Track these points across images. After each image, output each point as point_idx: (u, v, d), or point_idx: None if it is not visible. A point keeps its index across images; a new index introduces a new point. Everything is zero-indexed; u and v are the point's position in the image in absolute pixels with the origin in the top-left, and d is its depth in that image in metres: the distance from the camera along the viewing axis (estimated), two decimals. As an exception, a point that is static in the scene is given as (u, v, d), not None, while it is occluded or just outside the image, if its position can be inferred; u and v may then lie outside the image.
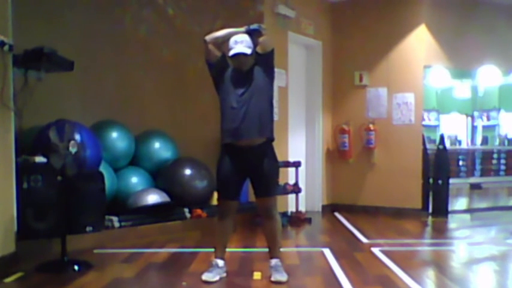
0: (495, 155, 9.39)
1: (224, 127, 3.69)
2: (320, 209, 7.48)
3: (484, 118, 10.02)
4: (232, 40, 3.67)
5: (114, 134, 5.64)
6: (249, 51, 3.63)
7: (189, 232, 5.47)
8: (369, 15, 7.41)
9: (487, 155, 9.36)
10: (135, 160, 5.91)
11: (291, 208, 6.66)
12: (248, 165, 3.66)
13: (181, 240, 5.18)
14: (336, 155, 7.63)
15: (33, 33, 4.87)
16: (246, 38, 3.66)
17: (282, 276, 3.64)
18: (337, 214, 7.23)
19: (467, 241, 5.67)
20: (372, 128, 7.27)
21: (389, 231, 5.98)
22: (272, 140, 3.75)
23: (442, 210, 7.00)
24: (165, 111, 6.38)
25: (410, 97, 7.09)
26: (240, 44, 3.62)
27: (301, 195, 6.76)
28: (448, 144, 7.73)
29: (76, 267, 4.05)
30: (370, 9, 7.41)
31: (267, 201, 3.74)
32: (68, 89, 5.50)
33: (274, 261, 3.73)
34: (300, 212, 6.55)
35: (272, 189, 3.76)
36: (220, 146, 3.75)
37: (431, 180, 7.08)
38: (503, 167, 9.37)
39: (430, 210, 7.05)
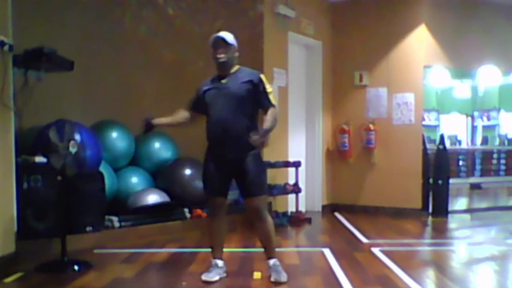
0: (495, 155, 9.37)
1: (207, 134, 3.69)
2: (320, 209, 7.48)
3: (484, 118, 10.01)
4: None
5: (114, 134, 5.64)
6: (228, 37, 3.63)
7: (189, 232, 5.47)
8: (369, 15, 7.41)
9: (487, 155, 9.34)
10: (135, 160, 5.92)
11: (291, 208, 6.66)
12: (231, 167, 3.64)
13: (181, 240, 5.18)
14: (336, 155, 7.63)
15: (33, 33, 4.87)
16: (229, 35, 3.67)
17: (281, 276, 3.64)
18: (337, 214, 7.23)
19: (467, 241, 5.67)
20: (372, 128, 7.27)
21: (389, 231, 5.98)
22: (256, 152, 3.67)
23: (442, 210, 7.00)
24: (165, 111, 6.35)
25: (410, 97, 7.09)
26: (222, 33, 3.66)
27: (301, 195, 6.76)
28: (448, 144, 7.72)
29: (76, 267, 4.05)
30: (370, 9, 7.40)
31: (253, 202, 3.65)
32: (68, 89, 5.51)
33: (272, 262, 3.71)
34: (300, 212, 6.55)
35: (257, 189, 3.65)
36: (207, 146, 3.75)
37: (431, 180, 7.07)
38: (503, 167, 9.35)
39: (430, 210, 7.05)
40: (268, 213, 3.76)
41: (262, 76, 3.68)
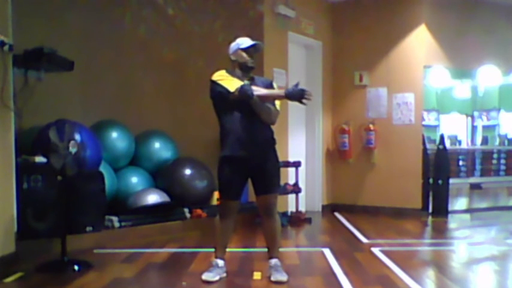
0: (495, 155, 9.39)
1: (227, 136, 3.65)
2: (320, 209, 7.48)
3: (484, 118, 10.02)
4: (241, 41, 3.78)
5: (114, 134, 5.64)
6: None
7: (189, 232, 5.47)
8: (369, 15, 7.41)
9: (487, 155, 9.36)
10: (135, 160, 5.91)
11: (291, 208, 6.65)
12: (251, 165, 3.67)
13: (181, 240, 5.18)
14: (336, 155, 7.63)
15: (33, 33, 4.87)
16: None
17: (282, 276, 3.64)
18: (337, 214, 7.23)
19: (467, 241, 5.67)
20: (372, 128, 7.27)
21: (389, 231, 5.98)
22: (274, 143, 3.82)
23: (442, 210, 7.00)
24: (165, 111, 6.38)
25: (410, 97, 7.09)
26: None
27: (301, 195, 6.76)
28: (448, 144, 7.73)
29: (76, 267, 4.05)
30: (370, 9, 7.41)
31: (268, 199, 3.73)
32: (68, 89, 5.51)
33: (273, 261, 3.73)
34: (300, 212, 6.55)
35: (274, 187, 3.77)
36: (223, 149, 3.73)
37: (431, 180, 7.07)
38: (503, 167, 9.37)
39: (430, 210, 7.05)
40: (277, 212, 3.81)
41: (274, 84, 3.91)
